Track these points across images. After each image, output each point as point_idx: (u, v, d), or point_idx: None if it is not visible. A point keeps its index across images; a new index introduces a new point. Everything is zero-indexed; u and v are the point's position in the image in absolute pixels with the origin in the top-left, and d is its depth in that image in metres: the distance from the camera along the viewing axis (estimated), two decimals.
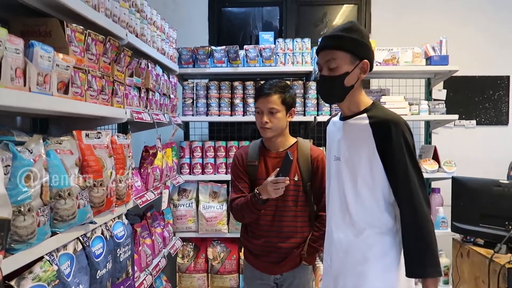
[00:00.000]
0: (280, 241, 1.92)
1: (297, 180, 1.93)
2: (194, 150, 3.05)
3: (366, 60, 1.45)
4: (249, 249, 2.02)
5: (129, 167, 1.80)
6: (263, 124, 1.88)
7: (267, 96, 1.88)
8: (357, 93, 1.50)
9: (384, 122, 1.40)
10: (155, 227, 2.45)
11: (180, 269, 2.99)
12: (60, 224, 1.24)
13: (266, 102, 1.88)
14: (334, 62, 1.44)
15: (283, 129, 1.93)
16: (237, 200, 1.95)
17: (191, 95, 3.09)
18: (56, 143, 1.30)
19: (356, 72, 1.45)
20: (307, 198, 1.95)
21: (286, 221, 1.93)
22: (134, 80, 1.93)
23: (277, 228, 1.92)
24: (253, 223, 1.97)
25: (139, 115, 1.93)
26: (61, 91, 1.28)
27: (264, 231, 1.94)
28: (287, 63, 3.07)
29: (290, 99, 1.92)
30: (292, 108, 1.94)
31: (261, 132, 1.93)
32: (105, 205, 1.52)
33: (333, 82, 1.47)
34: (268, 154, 1.98)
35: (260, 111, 1.91)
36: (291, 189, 1.91)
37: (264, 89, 1.90)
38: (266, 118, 1.88)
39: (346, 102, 1.51)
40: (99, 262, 1.46)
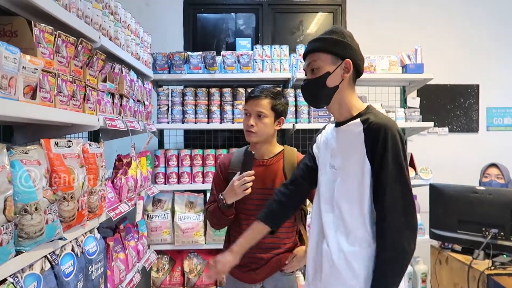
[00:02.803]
0: (262, 252, 1.85)
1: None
2: (170, 159, 2.95)
3: (348, 59, 1.40)
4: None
5: (102, 178, 1.69)
6: (249, 127, 1.82)
7: (257, 99, 1.82)
8: (346, 96, 1.43)
9: (375, 126, 1.33)
10: (129, 240, 2.33)
11: (155, 284, 2.86)
12: (26, 241, 1.13)
13: (255, 105, 1.82)
14: (315, 64, 1.42)
15: (269, 136, 1.86)
16: (210, 206, 1.92)
17: (166, 102, 2.99)
18: (21, 152, 1.19)
19: (338, 72, 1.40)
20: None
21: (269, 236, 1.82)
22: (108, 85, 1.83)
23: (259, 242, 1.80)
24: (235, 233, 1.88)
25: (112, 122, 1.82)
26: (28, 96, 1.17)
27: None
28: (265, 70, 3.03)
29: (280, 107, 1.85)
30: (282, 116, 1.87)
31: (246, 135, 1.86)
32: (76, 219, 1.41)
33: (315, 84, 1.43)
34: (254, 162, 1.91)
35: (248, 113, 1.85)
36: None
37: (255, 92, 1.85)
38: (252, 121, 1.81)
39: (335, 106, 1.45)
40: (69, 282, 1.34)
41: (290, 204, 1.68)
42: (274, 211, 1.66)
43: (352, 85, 1.46)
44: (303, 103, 3.05)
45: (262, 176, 1.84)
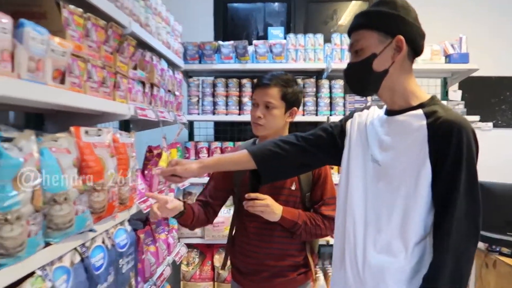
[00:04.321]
0: (271, 261, 1.65)
1: (295, 189, 1.65)
2: (200, 151, 2.89)
3: (400, 36, 1.14)
4: (237, 267, 1.77)
5: (132, 169, 1.64)
6: (256, 118, 1.64)
7: (265, 88, 1.63)
8: (401, 80, 1.18)
9: (445, 124, 1.09)
10: (159, 233, 2.29)
11: (185, 277, 2.82)
12: (55, 233, 1.08)
13: (263, 94, 1.63)
14: (358, 44, 1.19)
15: (279, 129, 1.66)
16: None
17: (196, 93, 2.93)
18: (51, 140, 1.14)
19: (387, 53, 1.15)
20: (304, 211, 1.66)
21: (277, 242, 1.64)
22: (138, 73, 1.77)
23: (266, 249, 1.65)
24: (240, 236, 1.74)
25: (143, 111, 1.76)
26: (57, 81, 1.12)
27: (252, 251, 1.67)
28: (298, 60, 2.91)
29: (292, 96, 1.64)
30: (294, 107, 1.67)
31: (253, 128, 1.68)
32: (106, 211, 1.35)
33: (359, 69, 1.20)
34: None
35: (255, 104, 1.67)
36: (285, 199, 1.63)
37: (264, 80, 1.65)
38: (260, 113, 1.63)
39: (387, 93, 1.21)
40: (100, 275, 1.29)
41: (290, 161, 1.38)
42: (268, 156, 1.38)
43: (408, 67, 1.20)
44: (338, 95, 2.91)
45: None
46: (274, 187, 1.63)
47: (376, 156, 1.23)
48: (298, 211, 1.61)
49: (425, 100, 1.19)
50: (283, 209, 1.58)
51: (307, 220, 1.60)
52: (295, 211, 1.61)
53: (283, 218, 1.57)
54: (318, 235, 1.64)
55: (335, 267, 1.35)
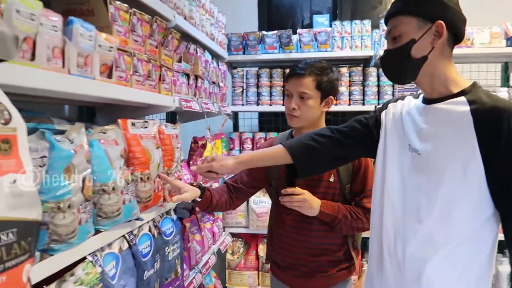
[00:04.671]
0: (309, 256, 1.61)
1: (333, 181, 1.59)
2: (244, 142, 2.91)
3: (440, 21, 1.09)
4: (275, 260, 1.74)
5: (178, 159, 1.68)
6: (290, 110, 1.59)
7: (299, 78, 1.56)
8: (440, 67, 1.14)
9: (492, 111, 1.03)
10: (205, 222, 2.34)
11: (230, 266, 2.88)
12: (104, 221, 1.13)
13: (297, 85, 1.57)
14: (396, 30, 1.15)
15: (314, 120, 1.60)
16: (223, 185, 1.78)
17: (241, 84, 2.94)
18: (100, 132, 1.19)
19: (427, 38, 1.11)
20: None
21: (315, 236, 1.60)
22: (183, 65, 1.80)
23: (304, 243, 1.61)
24: (277, 229, 1.70)
25: (188, 103, 1.79)
26: (104, 75, 1.16)
27: (289, 244, 1.65)
28: (344, 48, 2.82)
29: (328, 85, 1.57)
30: (330, 95, 1.60)
31: (288, 120, 1.63)
32: (153, 200, 1.40)
33: (397, 55, 1.16)
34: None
35: (289, 95, 1.61)
36: (323, 192, 1.57)
37: (297, 69, 1.58)
38: (294, 104, 1.57)
39: (426, 80, 1.16)
40: (147, 262, 1.35)
41: (325, 154, 1.35)
42: (304, 149, 1.35)
43: (448, 53, 1.15)
44: (386, 83, 2.80)
45: None
46: (312, 180, 1.58)
47: (415, 146, 1.18)
48: (337, 204, 1.56)
49: (467, 87, 1.13)
50: (321, 203, 1.54)
51: (348, 213, 1.55)
52: (334, 204, 1.56)
53: (321, 213, 1.53)
54: (359, 229, 1.59)
55: (371, 259, 1.31)
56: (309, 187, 1.55)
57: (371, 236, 1.32)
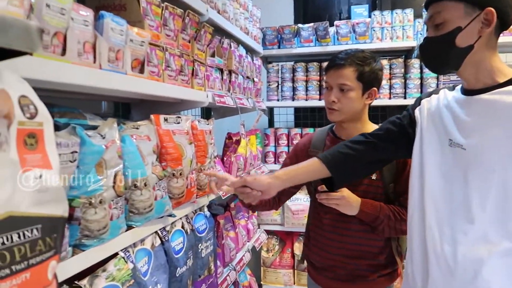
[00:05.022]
0: (346, 258, 1.51)
1: (375, 179, 1.48)
2: (280, 138, 2.86)
3: (490, 8, 1.01)
4: (311, 261, 1.65)
5: (211, 155, 1.66)
6: (330, 103, 1.49)
7: (339, 69, 1.46)
8: (487, 56, 1.06)
9: None
10: (239, 218, 2.32)
11: (265, 263, 2.85)
12: (136, 217, 1.13)
13: (337, 76, 1.47)
14: (439, 17, 1.07)
15: (356, 113, 1.50)
16: None
17: (276, 79, 2.89)
18: (132, 128, 1.18)
19: (474, 26, 1.03)
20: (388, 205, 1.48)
21: (354, 237, 1.49)
22: (216, 60, 1.78)
23: (342, 243, 1.51)
24: (315, 228, 1.62)
25: (221, 98, 1.77)
26: (136, 70, 1.15)
27: (326, 245, 1.55)
28: (384, 39, 2.69)
29: (370, 75, 1.46)
30: (373, 87, 1.49)
31: (328, 114, 1.54)
32: (185, 196, 1.39)
33: (440, 44, 1.08)
34: (337, 143, 1.55)
35: (329, 87, 1.51)
36: (363, 190, 1.47)
37: (336, 59, 1.48)
38: (333, 97, 1.47)
39: (470, 70, 1.08)
40: (179, 259, 1.33)
41: (362, 160, 1.30)
42: (340, 158, 1.30)
43: (494, 42, 1.07)
44: (430, 75, 2.64)
45: None
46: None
47: (458, 140, 1.09)
48: (379, 203, 1.45)
49: None
50: (361, 201, 1.44)
51: (391, 213, 1.44)
52: (376, 204, 1.45)
53: (361, 212, 1.43)
54: (404, 231, 1.46)
55: (412, 264, 1.21)
56: (349, 186, 1.46)
57: (410, 240, 1.22)
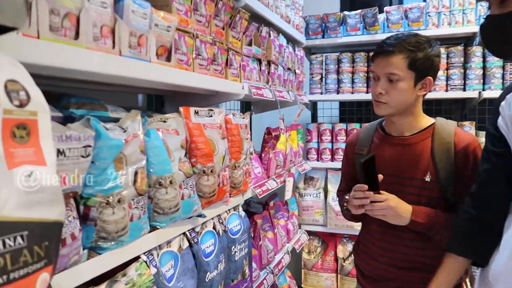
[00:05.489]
0: (398, 269, 1.34)
1: (430, 181, 1.29)
2: (323, 134, 2.69)
3: None
4: (360, 268, 1.51)
5: (246, 151, 1.55)
6: (377, 95, 1.31)
7: (387, 56, 1.28)
8: None
9: None
10: (278, 218, 2.20)
11: (306, 266, 2.70)
12: (161, 217, 1.04)
13: (384, 65, 1.28)
14: None
15: (408, 106, 1.31)
16: (339, 197, 1.57)
17: (319, 71, 2.72)
18: (159, 121, 1.10)
19: None
20: (446, 209, 1.28)
21: (406, 246, 1.32)
22: (253, 49, 1.66)
23: (392, 252, 1.35)
24: (364, 233, 1.46)
25: (258, 91, 1.65)
26: (162, 58, 1.06)
27: (375, 253, 1.40)
28: (441, 25, 2.44)
29: (424, 63, 1.26)
30: (428, 76, 1.28)
31: (374, 106, 1.36)
32: (217, 195, 1.29)
33: (506, 22, 0.92)
34: (387, 139, 1.40)
35: (376, 77, 1.33)
36: (415, 193, 1.30)
37: (384, 46, 1.30)
38: (380, 88, 1.29)
39: None
40: (209, 262, 1.24)
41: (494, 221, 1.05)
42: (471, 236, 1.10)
43: None
44: (494, 64, 2.36)
45: (398, 160, 1.33)
46: (399, 177, 1.32)
47: None
48: (434, 212, 1.26)
49: None
50: (413, 210, 1.25)
51: (449, 223, 1.23)
52: (431, 212, 1.26)
53: (413, 222, 1.25)
54: None
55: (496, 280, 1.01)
56: (397, 193, 1.28)
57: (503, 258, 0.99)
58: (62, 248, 0.73)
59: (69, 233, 0.75)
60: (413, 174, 1.31)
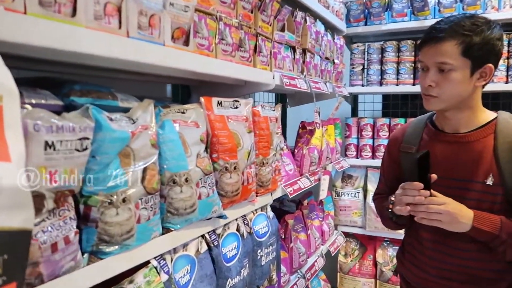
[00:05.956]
0: (452, 282, 1.18)
1: (492, 184, 1.11)
2: (363, 129, 2.50)
3: None
4: (405, 278, 1.35)
5: (276, 147, 1.42)
6: (426, 88, 1.15)
7: (436, 43, 1.10)
8: None
9: None
10: (312, 218, 2.05)
11: (342, 269, 2.54)
12: (175, 218, 0.94)
13: (434, 53, 1.11)
14: None
15: (463, 99, 1.14)
16: (377, 201, 1.42)
17: (361, 61, 2.53)
18: (177, 112, 1.00)
19: None
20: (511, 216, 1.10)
21: (463, 258, 1.16)
22: (286, 36, 1.52)
23: (446, 264, 1.19)
24: (412, 240, 1.29)
25: (291, 81, 1.51)
26: (179, 42, 0.95)
27: (424, 263, 1.24)
28: (502, 7, 2.16)
29: (482, 48, 1.08)
30: (487, 63, 1.10)
31: (424, 101, 1.19)
32: (241, 194, 1.17)
33: None
34: (439, 136, 1.22)
35: (424, 67, 1.16)
36: (475, 198, 1.13)
37: (433, 31, 1.13)
38: (430, 80, 1.13)
39: None
40: (231, 268, 1.13)
41: None
42: None
43: None
44: None
45: (453, 160, 1.17)
46: (456, 179, 1.15)
47: None
48: (499, 218, 1.08)
49: None
50: (475, 215, 1.08)
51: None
52: (495, 219, 1.08)
53: (474, 229, 1.08)
54: None
55: None
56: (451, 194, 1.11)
57: None
58: (52, 254, 0.64)
59: (61, 237, 0.66)
60: (472, 176, 1.13)
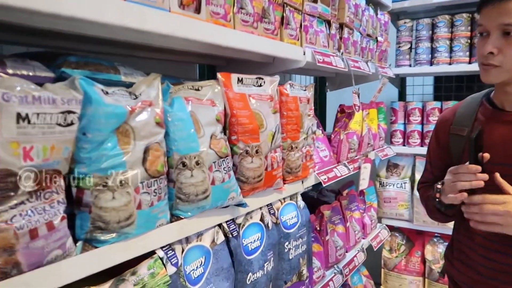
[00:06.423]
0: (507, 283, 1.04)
1: None
2: (411, 113, 2.29)
3: None
4: (453, 278, 1.21)
5: (307, 130, 1.29)
6: (484, 57, 0.99)
7: (501, 1, 0.95)
8: None
9: None
10: (352, 210, 1.90)
11: (386, 265, 2.36)
12: (186, 205, 0.85)
13: (497, 14, 0.95)
14: None
15: None
16: (422, 190, 1.25)
17: (408, 39, 2.31)
18: (190, 88, 0.90)
19: None
20: None
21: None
22: (320, 8, 1.38)
23: (501, 265, 1.04)
24: (460, 238, 1.13)
25: (325, 58, 1.37)
26: (190, 9, 0.85)
27: (476, 262, 1.09)
28: None
29: None
30: None
31: (481, 72, 1.03)
32: (264, 181, 1.06)
33: None
34: (498, 116, 1.06)
35: (484, 32, 1.00)
36: None
37: None
38: (492, 46, 0.97)
39: None
40: (252, 261, 1.03)
41: None
42: None
43: None
44: None
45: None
46: None
47: None
48: None
49: None
50: None
51: None
52: None
53: None
54: None
55: None
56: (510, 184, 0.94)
57: None
58: (32, 241, 0.57)
59: (43, 222, 0.59)
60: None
